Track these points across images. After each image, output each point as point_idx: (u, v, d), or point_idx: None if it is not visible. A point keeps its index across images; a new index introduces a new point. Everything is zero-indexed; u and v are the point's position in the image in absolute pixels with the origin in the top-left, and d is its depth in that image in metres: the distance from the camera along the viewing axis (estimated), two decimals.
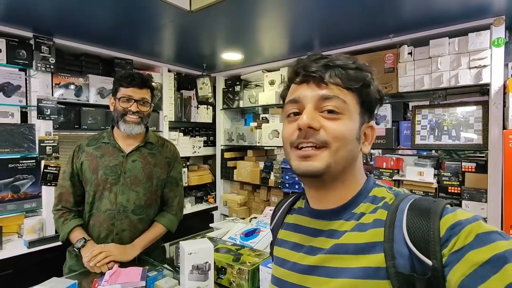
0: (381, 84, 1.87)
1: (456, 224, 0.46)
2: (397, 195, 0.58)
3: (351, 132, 0.56)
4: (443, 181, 1.77)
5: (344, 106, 0.55)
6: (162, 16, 1.61)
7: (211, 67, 2.70)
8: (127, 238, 1.38)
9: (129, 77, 1.36)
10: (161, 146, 1.53)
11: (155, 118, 2.53)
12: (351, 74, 0.56)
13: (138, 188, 1.40)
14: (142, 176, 1.41)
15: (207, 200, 2.97)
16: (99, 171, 1.37)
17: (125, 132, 1.37)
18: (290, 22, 1.71)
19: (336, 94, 0.55)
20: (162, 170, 1.48)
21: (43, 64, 1.84)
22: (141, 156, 1.43)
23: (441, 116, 1.76)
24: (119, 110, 1.36)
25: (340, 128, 0.54)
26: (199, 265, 1.00)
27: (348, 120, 0.55)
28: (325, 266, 0.56)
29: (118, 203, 1.36)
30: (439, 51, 1.67)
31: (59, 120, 1.97)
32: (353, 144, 0.56)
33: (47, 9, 1.55)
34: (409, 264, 0.48)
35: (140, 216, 1.41)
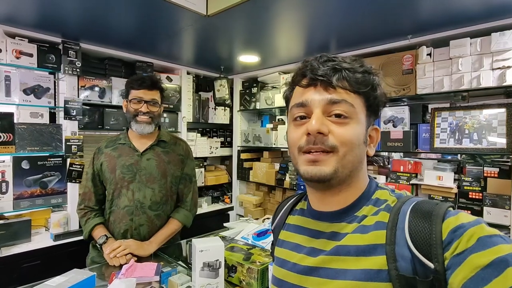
0: (399, 86, 1.85)
1: (458, 227, 0.46)
2: (399, 198, 0.58)
3: (358, 137, 0.56)
4: (464, 186, 1.70)
5: (352, 110, 0.55)
6: (180, 21, 1.66)
7: (228, 69, 2.75)
8: (145, 232, 1.44)
9: (139, 80, 1.43)
10: (174, 144, 1.58)
11: (173, 119, 2.60)
12: (358, 77, 0.56)
13: (154, 185, 1.46)
14: (157, 174, 1.47)
15: (223, 200, 3.01)
16: (116, 170, 1.44)
17: (137, 132, 1.45)
18: (307, 24, 1.71)
19: (344, 98, 0.55)
20: (176, 167, 1.54)
21: (70, 67, 1.95)
22: (155, 154, 1.49)
23: (462, 119, 1.70)
24: (131, 111, 1.43)
25: (348, 133, 0.55)
26: (210, 262, 1.03)
27: (356, 124, 0.56)
28: (326, 268, 0.56)
29: (135, 199, 1.42)
30: (459, 52, 1.62)
31: (84, 121, 2.08)
32: (360, 148, 0.57)
33: (74, 16, 1.65)
34: (411, 266, 0.48)
35: (156, 212, 1.46)
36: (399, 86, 1.88)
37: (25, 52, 1.79)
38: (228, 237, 1.51)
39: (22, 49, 1.78)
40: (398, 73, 1.88)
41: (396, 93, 1.89)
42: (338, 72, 0.55)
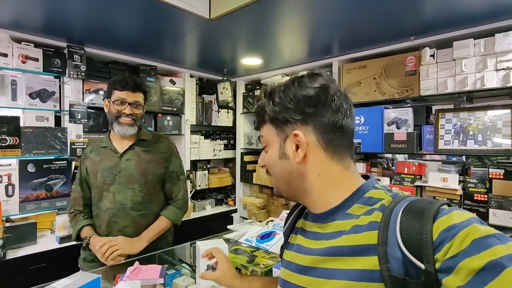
0: (403, 87, 1.85)
1: (450, 227, 0.45)
2: (395, 197, 0.57)
3: (271, 157, 0.66)
4: (469, 188, 1.69)
5: (264, 139, 0.68)
6: (183, 25, 1.68)
7: (231, 72, 2.76)
8: (131, 233, 1.43)
9: (123, 81, 1.42)
10: (156, 142, 1.56)
11: (177, 121, 2.61)
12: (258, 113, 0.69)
13: (134, 185, 1.45)
14: (137, 174, 1.45)
15: (227, 202, 3.02)
16: (98, 174, 1.45)
17: (119, 134, 1.44)
18: (309, 26, 1.72)
19: (260, 135, 0.70)
20: (158, 165, 1.52)
21: (75, 71, 1.97)
22: (135, 154, 1.48)
23: (467, 120, 1.69)
24: (113, 112, 1.42)
25: (266, 159, 0.68)
26: (214, 265, 1.03)
27: (270, 149, 0.66)
28: (322, 268, 0.57)
29: (116, 201, 1.43)
30: (463, 53, 1.61)
31: (88, 124, 2.10)
32: (278, 164, 0.65)
33: (79, 21, 1.67)
34: (402, 267, 0.48)
35: (140, 212, 1.46)
36: (402, 88, 1.87)
37: (31, 57, 1.82)
38: (232, 240, 1.51)
39: (28, 54, 1.81)
40: (401, 74, 1.87)
41: (400, 94, 1.88)
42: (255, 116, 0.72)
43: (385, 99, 1.95)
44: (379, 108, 1.97)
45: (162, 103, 2.47)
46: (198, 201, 2.81)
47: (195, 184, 2.76)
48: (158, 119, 2.49)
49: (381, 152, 1.98)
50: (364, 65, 2.04)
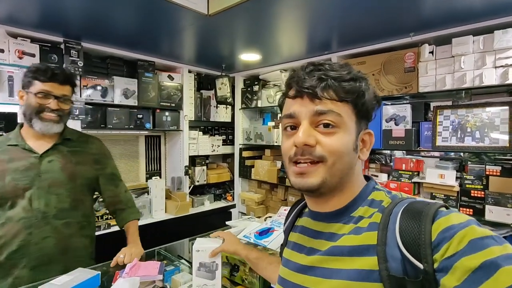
0: (401, 84, 1.84)
1: (449, 228, 0.46)
2: (394, 199, 0.58)
3: (347, 145, 0.57)
4: (466, 184, 1.70)
5: (339, 119, 0.56)
6: (181, 20, 1.66)
7: (230, 67, 2.74)
8: (51, 245, 1.24)
9: (48, 71, 1.22)
10: (85, 142, 1.41)
11: (175, 117, 2.61)
12: (345, 86, 0.56)
13: (60, 190, 1.27)
14: (63, 177, 1.28)
15: (225, 198, 3.03)
16: (6, 177, 1.20)
17: (41, 131, 1.24)
18: (308, 21, 1.71)
19: (330, 109, 0.56)
20: (88, 167, 1.37)
21: (72, 67, 1.95)
22: (59, 155, 1.30)
23: (465, 117, 1.69)
24: (33, 106, 1.21)
25: (335, 143, 0.56)
26: (206, 263, 1.03)
27: (343, 133, 0.57)
28: (321, 267, 0.58)
29: (34, 209, 1.22)
30: (462, 50, 1.61)
31: (86, 120, 2.09)
32: (350, 155, 0.57)
33: (76, 16, 1.65)
34: (401, 267, 0.48)
35: (65, 220, 1.28)
36: (401, 84, 1.87)
37: (27, 52, 1.80)
38: None
39: (25, 49, 1.79)
40: (400, 71, 1.87)
41: (398, 91, 1.88)
42: (323, 82, 0.56)
43: (383, 96, 1.95)
44: None
45: (160, 98, 2.46)
46: (197, 196, 2.82)
47: (193, 180, 2.77)
48: (156, 115, 2.49)
49: (380, 148, 1.99)
50: (363, 61, 2.03)
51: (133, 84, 2.30)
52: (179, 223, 2.47)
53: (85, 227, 1.38)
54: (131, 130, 2.38)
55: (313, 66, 0.58)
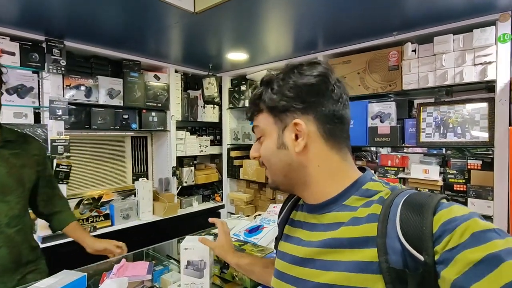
0: (386, 82, 1.88)
1: (451, 220, 0.45)
2: (393, 190, 0.57)
3: (269, 148, 0.64)
4: (449, 178, 1.76)
5: (259, 129, 0.66)
6: (167, 18, 1.65)
7: (217, 67, 2.74)
8: (5, 255, 1.14)
9: None
10: (25, 142, 1.28)
11: (162, 117, 2.58)
12: (256, 101, 0.66)
13: (9, 197, 1.17)
14: (11, 182, 1.17)
15: (214, 198, 3.01)
16: None
17: None
18: (294, 21, 1.73)
19: (254, 124, 0.68)
20: (32, 170, 1.27)
21: (55, 66, 1.90)
22: (2, 159, 1.17)
23: (446, 114, 1.75)
24: None
25: (262, 150, 0.66)
26: (194, 261, 1.02)
27: (267, 139, 0.65)
28: (321, 259, 0.57)
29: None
30: (443, 48, 1.66)
31: (70, 120, 2.04)
32: (277, 155, 0.63)
33: (58, 13, 1.61)
34: (401, 259, 0.48)
35: (17, 227, 1.19)
36: (385, 82, 1.91)
37: (7, 51, 1.75)
38: None
39: (4, 48, 1.74)
40: (384, 69, 1.91)
41: (383, 89, 1.92)
42: (250, 106, 0.69)
43: (369, 94, 1.99)
44: (363, 103, 2.01)
45: (147, 99, 2.43)
46: (185, 197, 2.79)
47: (181, 181, 2.74)
48: (142, 115, 2.45)
49: (366, 145, 2.02)
50: (349, 60, 2.06)
51: (118, 84, 2.26)
52: (167, 225, 2.44)
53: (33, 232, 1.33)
54: (117, 131, 2.33)
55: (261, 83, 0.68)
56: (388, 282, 0.48)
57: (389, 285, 0.48)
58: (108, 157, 2.55)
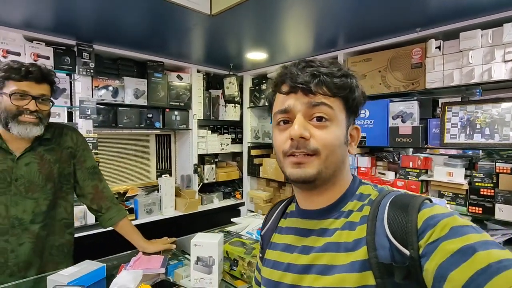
0: (408, 80, 1.82)
1: (433, 217, 0.48)
2: (381, 192, 0.60)
3: (339, 138, 0.58)
4: (475, 182, 1.66)
5: (331, 112, 0.58)
6: (187, 21, 1.70)
7: (237, 66, 2.77)
8: (27, 251, 1.18)
9: (22, 69, 1.11)
10: (59, 135, 1.29)
11: (184, 116, 2.66)
12: (336, 82, 0.58)
13: (37, 194, 1.20)
14: (40, 180, 1.20)
15: (234, 196, 3.06)
16: None
17: (20, 136, 1.13)
18: (313, 18, 1.70)
19: (323, 101, 0.57)
20: (65, 164, 1.28)
21: (84, 68, 2.03)
22: (36, 156, 1.21)
23: (474, 113, 1.65)
24: (9, 109, 1.10)
25: (328, 136, 0.57)
26: (203, 257, 1.06)
27: (335, 127, 0.58)
28: (319, 264, 0.58)
29: (11, 216, 1.15)
30: (470, 44, 1.57)
31: (98, 119, 2.17)
32: (341, 149, 0.59)
33: (87, 20, 1.72)
34: (389, 254, 0.51)
35: (42, 223, 1.22)
36: (408, 81, 1.84)
37: (42, 55, 1.89)
38: (234, 232, 1.54)
39: (40, 52, 1.88)
40: (407, 67, 1.84)
41: (405, 87, 1.85)
42: (316, 78, 0.57)
43: (390, 92, 1.92)
44: (384, 102, 1.95)
45: (170, 98, 2.52)
46: (206, 194, 2.86)
47: (202, 178, 2.82)
48: (166, 114, 2.55)
49: (386, 146, 1.96)
50: (369, 58, 2.01)
51: (143, 84, 2.37)
52: (188, 220, 2.52)
53: (70, 225, 1.35)
54: (142, 129, 2.45)
55: (305, 62, 0.60)
56: (378, 276, 0.51)
57: (379, 279, 0.51)
58: (134, 154, 2.68)
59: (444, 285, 0.42)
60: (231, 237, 1.37)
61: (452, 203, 1.72)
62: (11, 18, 1.68)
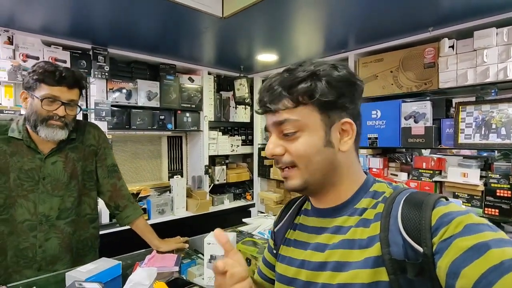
0: (421, 80, 1.80)
1: (447, 214, 0.48)
2: (396, 189, 0.60)
3: (314, 145, 0.58)
4: (491, 183, 1.63)
5: (298, 124, 0.58)
6: (198, 24, 1.73)
7: (248, 68, 2.79)
8: (55, 246, 1.23)
9: (56, 73, 1.11)
10: (83, 134, 1.31)
11: (196, 118, 2.69)
12: (294, 92, 0.57)
13: (62, 192, 1.24)
14: (66, 178, 1.24)
15: (245, 197, 3.08)
16: (10, 174, 1.16)
17: (47, 139, 1.15)
18: (324, 20, 1.71)
19: (285, 118, 0.58)
20: (88, 161, 1.32)
21: (99, 71, 2.09)
22: (62, 155, 1.24)
23: (489, 113, 1.62)
24: (39, 113, 1.11)
25: (300, 147, 0.58)
26: (217, 256, 1.07)
27: (308, 135, 0.58)
28: (334, 261, 0.58)
29: (39, 213, 1.19)
30: (485, 43, 1.54)
31: (112, 121, 2.22)
32: (321, 153, 0.58)
33: (102, 24, 1.78)
34: (402, 251, 0.51)
35: (68, 219, 1.26)
36: (420, 81, 1.82)
37: (60, 59, 1.95)
38: (245, 232, 1.55)
39: (57, 56, 1.94)
40: (419, 67, 1.82)
41: (418, 87, 1.84)
42: (274, 97, 0.59)
43: (402, 93, 1.91)
44: (396, 102, 1.93)
45: (181, 100, 2.56)
46: (217, 195, 2.88)
47: (213, 179, 2.84)
48: (177, 116, 2.58)
49: (399, 146, 1.95)
50: (381, 58, 2.00)
51: (156, 87, 2.41)
52: (199, 221, 2.55)
53: (94, 220, 1.39)
54: (154, 130, 2.49)
55: (273, 77, 0.61)
56: (391, 273, 0.51)
57: (392, 275, 0.51)
58: (146, 155, 2.72)
59: (457, 282, 0.42)
60: (243, 237, 1.39)
61: (468, 204, 1.69)
62: (30, 24, 1.74)
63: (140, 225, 1.44)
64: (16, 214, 1.18)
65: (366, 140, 2.05)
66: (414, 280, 0.49)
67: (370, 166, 2.11)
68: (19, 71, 1.76)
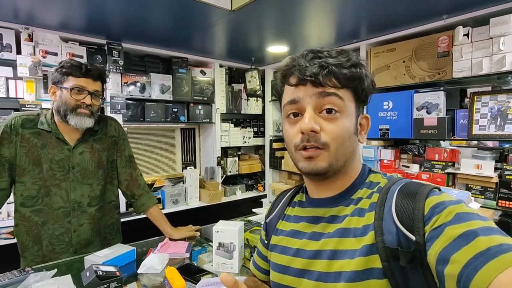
0: (434, 70, 1.76)
1: (440, 204, 0.49)
2: (390, 179, 0.61)
3: (348, 130, 0.59)
4: (506, 175, 1.59)
5: (341, 103, 0.58)
6: (208, 17, 1.75)
7: (259, 60, 2.79)
8: (87, 230, 1.34)
9: (82, 66, 1.24)
10: (105, 126, 1.42)
11: (208, 110, 2.73)
12: (345, 73, 0.57)
13: (91, 180, 1.34)
14: (93, 167, 1.34)
15: (256, 188, 3.12)
16: (43, 165, 1.25)
17: (76, 126, 1.24)
18: (335, 9, 1.69)
19: (334, 92, 0.57)
20: (111, 151, 1.42)
21: (114, 66, 2.15)
22: (87, 145, 1.34)
23: (505, 103, 1.57)
24: (69, 102, 1.21)
25: (338, 129, 0.58)
26: (225, 243, 1.11)
27: (345, 118, 0.58)
28: (330, 250, 0.60)
29: (71, 200, 1.29)
30: (501, 30, 1.49)
31: (127, 114, 2.29)
32: (351, 139, 0.60)
33: (117, 20, 1.83)
34: (396, 239, 0.52)
35: (97, 205, 1.37)
36: (433, 70, 1.78)
37: (77, 55, 2.02)
38: (254, 221, 1.59)
39: (74, 52, 2.01)
40: (433, 56, 1.78)
41: (431, 77, 1.80)
42: (325, 69, 0.57)
43: (415, 83, 1.87)
44: (408, 93, 1.90)
45: (194, 93, 2.60)
46: (229, 186, 2.94)
47: (226, 170, 2.89)
48: (190, 108, 2.63)
49: (411, 138, 1.92)
50: (393, 48, 1.96)
51: (168, 80, 2.46)
52: (212, 211, 2.61)
53: (118, 206, 1.50)
54: (167, 123, 2.55)
55: (313, 53, 0.59)
56: (384, 260, 0.52)
57: (385, 262, 0.52)
58: (160, 147, 2.80)
59: (446, 268, 0.43)
60: (252, 226, 1.42)
61: (481, 196, 1.66)
62: (49, 21, 1.82)
63: (154, 213, 1.51)
64: (52, 202, 1.27)
65: (377, 131, 2.04)
66: (406, 267, 0.51)
67: (381, 157, 2.09)
68: (39, 67, 1.84)
